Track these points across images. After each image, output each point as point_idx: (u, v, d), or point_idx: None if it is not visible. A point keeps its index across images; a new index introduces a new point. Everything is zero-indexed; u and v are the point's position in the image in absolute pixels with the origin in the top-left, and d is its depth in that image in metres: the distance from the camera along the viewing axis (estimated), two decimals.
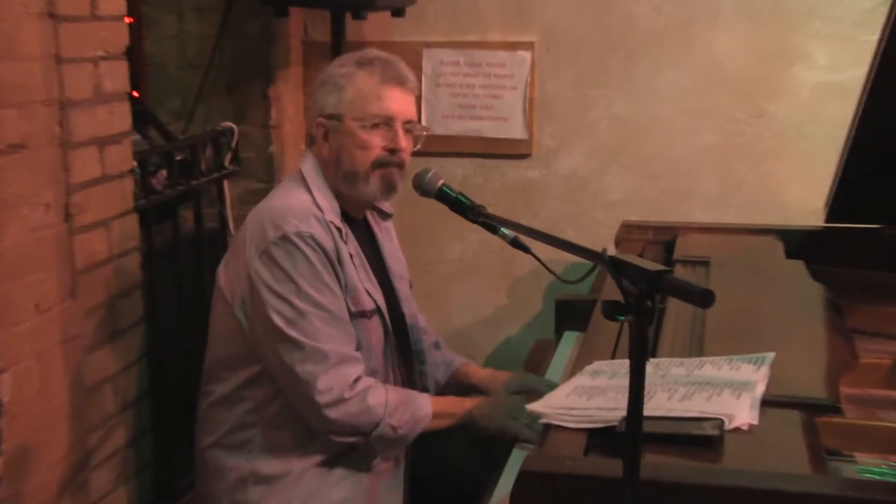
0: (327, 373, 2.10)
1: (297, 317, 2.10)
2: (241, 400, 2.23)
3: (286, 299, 2.10)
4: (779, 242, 2.85)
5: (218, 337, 2.28)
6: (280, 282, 2.11)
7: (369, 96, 2.21)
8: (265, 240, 2.13)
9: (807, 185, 3.36)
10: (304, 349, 2.10)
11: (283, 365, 2.12)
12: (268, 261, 2.12)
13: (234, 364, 2.23)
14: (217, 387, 2.27)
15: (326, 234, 2.15)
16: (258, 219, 2.19)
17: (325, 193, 2.23)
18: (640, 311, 1.35)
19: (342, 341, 2.14)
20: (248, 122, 3.49)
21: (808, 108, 3.37)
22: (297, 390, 2.12)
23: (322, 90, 2.26)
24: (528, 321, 3.70)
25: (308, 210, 2.17)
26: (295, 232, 2.11)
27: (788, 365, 1.90)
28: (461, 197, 2.12)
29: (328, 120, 2.23)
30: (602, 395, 1.83)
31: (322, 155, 2.25)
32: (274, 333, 2.11)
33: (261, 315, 2.13)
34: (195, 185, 3.09)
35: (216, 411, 2.27)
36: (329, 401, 2.10)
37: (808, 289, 2.41)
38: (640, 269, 1.37)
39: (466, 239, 3.70)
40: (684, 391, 1.77)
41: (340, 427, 2.13)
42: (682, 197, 3.51)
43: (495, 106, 3.58)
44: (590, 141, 3.56)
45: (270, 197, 2.28)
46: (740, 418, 1.65)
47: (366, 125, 2.20)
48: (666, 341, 2.15)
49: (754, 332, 2.14)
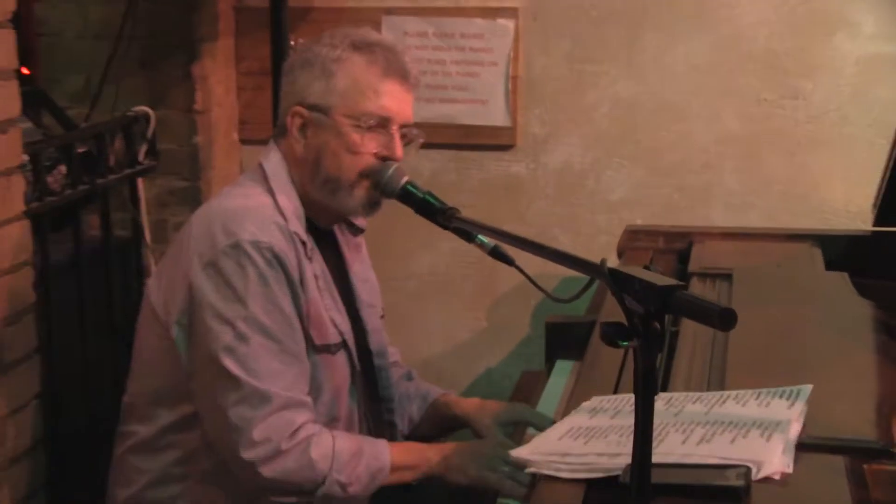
0: (266, 420, 2.07)
1: (238, 344, 2.08)
2: (169, 446, 2.22)
3: (229, 322, 2.08)
4: (817, 250, 2.87)
5: (145, 364, 2.26)
6: (225, 300, 2.09)
7: (366, 90, 2.19)
8: (213, 247, 2.11)
9: (850, 180, 3.39)
10: (242, 388, 2.08)
11: (213, 404, 2.10)
12: (214, 273, 2.10)
13: (165, 399, 2.21)
14: (140, 427, 2.25)
15: (289, 248, 2.13)
16: (205, 221, 2.16)
17: (290, 197, 2.21)
18: (647, 335, 1.35)
19: (290, 381, 2.12)
20: (168, 107, 3.48)
21: (852, 87, 3.40)
22: (224, 437, 2.10)
23: (304, 72, 2.23)
24: (513, 349, 3.70)
25: (268, 216, 2.15)
26: (251, 240, 2.09)
27: (829, 400, 1.90)
28: (429, 197, 2.11)
29: (310, 111, 2.20)
30: (602, 437, 1.83)
31: (294, 151, 2.23)
32: (210, 364, 2.09)
33: (199, 339, 2.11)
34: (101, 185, 3.07)
35: (137, 458, 2.25)
36: (263, 455, 2.07)
37: (853, 307, 2.42)
38: (648, 285, 1.37)
39: (437, 249, 3.70)
40: (702, 432, 1.77)
41: (275, 485, 2.11)
42: (699, 196, 3.53)
43: (471, 86, 3.59)
44: (586, 128, 3.58)
45: (223, 196, 2.26)
46: (771, 465, 1.65)
47: (358, 125, 2.18)
48: (679, 372, 2.15)
49: (787, 361, 2.15)
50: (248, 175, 2.30)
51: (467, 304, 3.72)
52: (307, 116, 2.21)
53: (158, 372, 2.22)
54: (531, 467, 1.81)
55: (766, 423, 1.77)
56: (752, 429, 1.76)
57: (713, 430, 1.78)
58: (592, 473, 1.71)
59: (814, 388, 1.89)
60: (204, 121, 3.52)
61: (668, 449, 1.72)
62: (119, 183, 3.23)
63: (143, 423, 2.24)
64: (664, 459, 1.67)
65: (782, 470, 1.65)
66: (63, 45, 3.49)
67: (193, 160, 3.51)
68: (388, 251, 3.67)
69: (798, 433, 1.76)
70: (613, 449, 1.76)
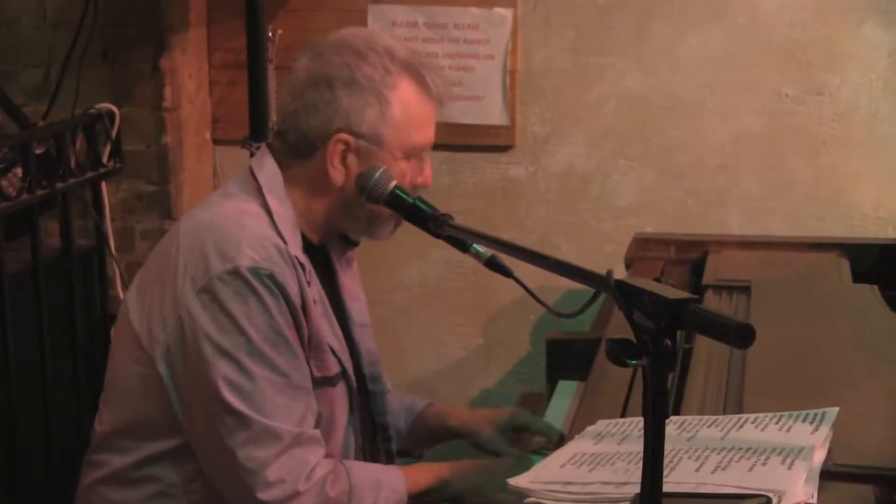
0: (278, 459, 2.08)
1: (245, 381, 2.08)
2: (147, 480, 2.20)
3: (233, 357, 2.08)
4: (843, 261, 2.88)
5: (123, 393, 2.24)
6: (226, 332, 2.08)
7: (419, 122, 2.20)
8: (207, 271, 2.10)
9: (881, 183, 3.40)
10: (251, 427, 2.07)
11: (220, 444, 2.10)
12: (210, 301, 2.09)
13: (145, 433, 2.20)
14: (114, 458, 2.24)
15: (290, 273, 2.12)
16: (195, 238, 2.14)
17: (287, 214, 2.20)
18: (657, 353, 1.35)
19: (300, 417, 2.12)
20: (134, 104, 3.48)
21: (883, 81, 3.41)
22: (235, 480, 2.10)
23: (353, 95, 2.18)
24: (511, 368, 3.70)
25: (267, 237, 2.13)
26: (250, 267, 2.08)
27: (857, 424, 1.91)
28: (420, 203, 2.11)
29: (359, 141, 2.20)
30: (609, 465, 1.84)
31: (327, 180, 2.19)
32: (212, 401, 2.09)
33: (196, 373, 2.11)
34: (61, 189, 3.07)
35: (108, 490, 2.24)
36: (279, 497, 2.08)
37: (884, 322, 2.43)
38: (658, 298, 1.38)
39: (428, 258, 3.70)
40: (718, 459, 1.77)
41: None
42: (715, 201, 3.54)
43: (466, 81, 3.60)
44: (591, 127, 3.59)
45: (211, 206, 2.23)
46: (793, 496, 1.65)
47: (407, 157, 2.20)
48: (693, 393, 2.16)
49: (811, 381, 2.16)
50: (237, 183, 2.26)
51: (461, 319, 3.73)
52: (353, 145, 2.18)
53: (137, 402, 2.20)
54: (531, 497, 1.81)
55: (788, 450, 1.77)
56: (773, 455, 1.76)
57: (729, 456, 1.78)
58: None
59: (840, 411, 1.89)
60: (173, 119, 3.52)
61: (680, 477, 1.72)
62: (80, 187, 3.23)
63: (117, 453, 2.23)
64: (676, 489, 1.67)
65: (805, 500, 1.65)
66: (18, 35, 3.50)
67: (162, 162, 3.51)
68: (376, 261, 3.67)
69: (822, 460, 1.76)
70: (621, 477, 1.76)
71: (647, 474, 1.35)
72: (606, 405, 2.19)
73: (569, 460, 1.90)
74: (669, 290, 1.40)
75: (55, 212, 3.12)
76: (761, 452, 1.78)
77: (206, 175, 3.73)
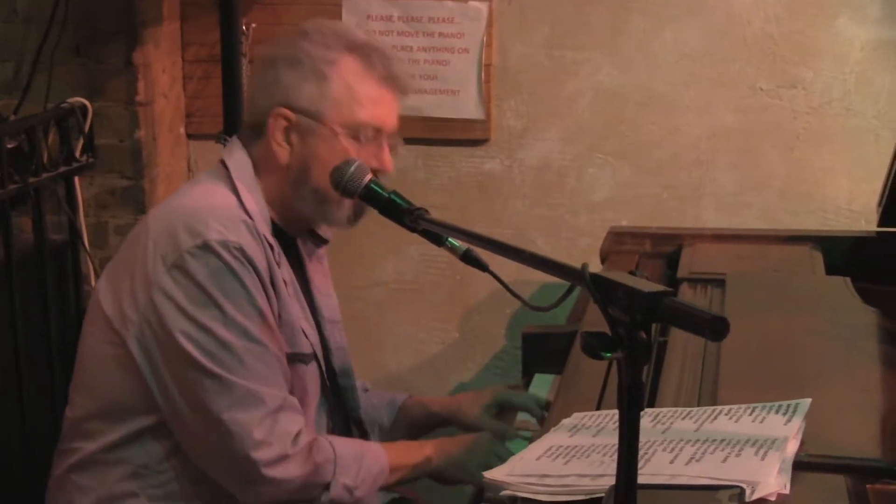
0: (263, 422, 2.12)
1: (222, 351, 2.11)
2: (119, 462, 2.22)
3: (207, 328, 2.11)
4: (817, 253, 2.90)
5: (94, 377, 2.26)
6: (199, 304, 2.11)
7: (362, 98, 2.24)
8: (177, 248, 2.13)
9: (854, 176, 3.43)
10: (234, 392, 2.11)
11: (206, 413, 2.12)
12: (182, 276, 2.12)
13: (118, 414, 2.22)
14: (85, 444, 2.25)
15: (259, 249, 2.16)
16: (165, 220, 2.18)
17: (256, 199, 2.23)
18: (632, 346, 1.36)
19: (277, 382, 2.16)
20: (107, 98, 3.47)
21: (856, 75, 3.43)
22: (223, 445, 2.13)
23: (292, 71, 2.24)
24: (487, 361, 3.71)
25: (235, 214, 2.18)
26: (219, 240, 2.12)
27: (830, 415, 1.92)
28: (395, 197, 2.13)
29: (298, 115, 2.23)
30: (584, 457, 1.85)
31: (275, 156, 2.24)
32: (192, 372, 2.12)
33: (169, 348, 2.13)
34: (34, 184, 3.07)
35: (80, 476, 2.25)
36: (269, 457, 2.12)
37: (857, 314, 2.45)
38: (633, 291, 1.39)
39: (403, 253, 3.71)
40: (692, 451, 1.79)
41: (281, 492, 2.15)
42: (690, 195, 3.56)
43: (441, 75, 3.60)
44: (567, 121, 3.60)
45: (181, 194, 2.29)
46: (766, 486, 1.67)
47: (354, 136, 2.23)
48: (668, 386, 2.17)
49: (784, 373, 2.17)
50: (208, 173, 2.32)
51: (437, 313, 3.74)
52: (294, 121, 2.23)
53: (110, 384, 2.22)
54: (507, 490, 1.83)
55: (762, 441, 1.79)
56: (746, 447, 1.78)
57: (704, 448, 1.79)
58: (573, 496, 1.73)
59: (813, 403, 1.90)
60: (147, 113, 3.52)
61: (655, 469, 1.74)
62: (53, 182, 3.22)
63: (88, 439, 2.25)
64: (651, 481, 1.69)
65: (778, 491, 1.67)
66: None
67: (135, 157, 3.51)
68: (351, 256, 3.68)
69: (796, 451, 1.77)
70: (596, 469, 1.78)
71: (622, 466, 1.36)
72: (582, 398, 2.20)
73: (544, 453, 1.91)
74: (644, 283, 1.41)
75: (28, 207, 3.12)
76: (735, 444, 1.79)
77: (180, 170, 3.72)
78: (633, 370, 1.36)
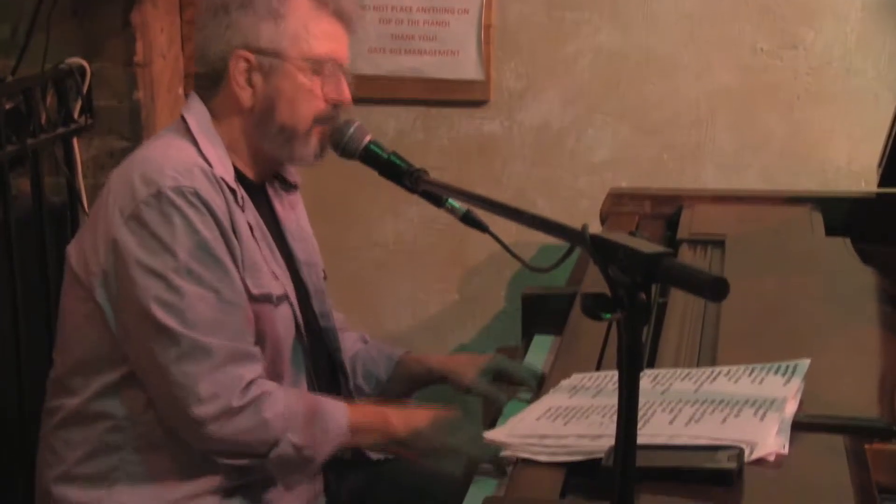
0: (211, 375, 2.12)
1: (173, 298, 2.12)
2: (100, 416, 2.24)
3: (161, 275, 2.12)
4: (816, 214, 2.90)
5: (70, 334, 2.29)
6: (153, 253, 2.13)
7: (317, 32, 2.26)
8: (133, 199, 2.15)
9: (854, 137, 3.42)
10: (181, 343, 2.12)
11: (154, 363, 2.14)
12: (137, 226, 2.14)
13: (93, 367, 2.24)
14: (67, 401, 2.27)
15: (216, 193, 2.17)
16: (123, 174, 2.21)
17: (215, 145, 2.25)
18: (632, 306, 1.36)
19: (233, 332, 2.17)
20: (105, 59, 3.46)
21: (856, 35, 3.42)
22: (169, 398, 2.15)
23: (245, 13, 2.26)
24: (487, 323, 3.72)
25: (192, 161, 2.20)
26: (173, 187, 2.13)
27: (828, 376, 1.93)
28: (395, 158, 2.13)
29: (260, 56, 2.24)
30: (583, 418, 1.86)
31: (238, 100, 2.26)
32: (144, 321, 2.14)
33: (128, 297, 2.15)
34: (32, 145, 3.06)
35: (66, 432, 2.28)
36: (213, 412, 2.12)
37: (855, 275, 2.46)
38: (633, 252, 1.39)
39: (403, 215, 3.71)
40: (691, 412, 1.80)
41: (226, 447, 2.16)
42: (689, 156, 3.55)
43: (440, 36, 3.59)
44: (567, 82, 3.59)
45: (141, 148, 2.31)
46: (765, 446, 1.68)
47: (314, 70, 2.24)
48: (668, 347, 2.18)
49: (783, 334, 2.18)
50: (168, 128, 2.34)
51: (437, 274, 3.74)
52: (255, 62, 2.24)
53: (83, 339, 2.25)
54: (507, 450, 1.84)
55: (760, 401, 1.80)
56: (745, 407, 1.78)
57: (703, 409, 1.80)
58: (573, 457, 1.74)
59: (812, 363, 1.91)
60: (145, 74, 3.50)
61: (654, 430, 1.75)
62: (51, 143, 3.21)
63: (69, 395, 2.27)
64: (650, 441, 1.69)
65: (777, 451, 1.68)
66: None
67: (134, 118, 3.50)
68: (350, 218, 3.68)
69: (794, 411, 1.78)
70: (595, 430, 1.78)
71: (621, 427, 1.37)
72: (581, 359, 2.21)
73: (544, 414, 1.92)
74: (644, 244, 1.41)
75: (26, 169, 3.11)
76: (734, 404, 1.80)
77: None
78: (633, 331, 1.36)
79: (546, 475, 1.73)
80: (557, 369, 2.21)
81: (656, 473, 1.63)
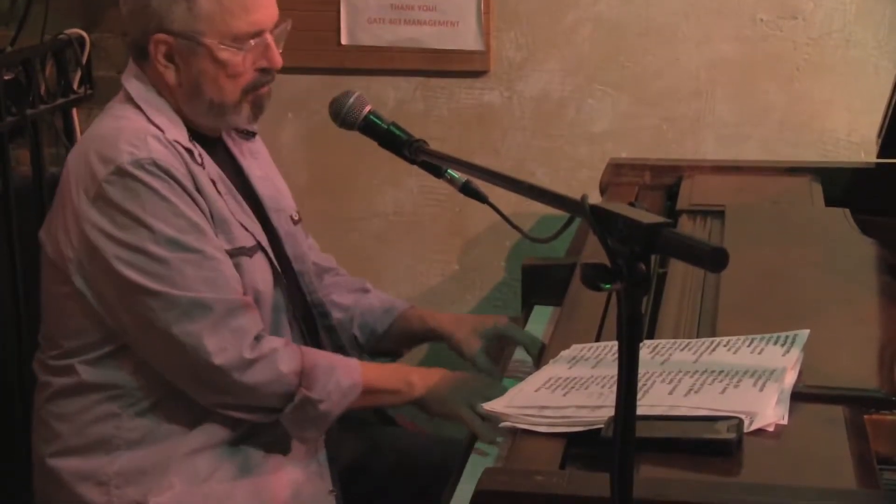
0: (215, 329, 2.14)
1: (159, 268, 2.14)
2: (94, 388, 2.27)
3: (139, 248, 2.14)
4: (816, 185, 2.90)
5: (51, 315, 2.31)
6: (126, 228, 2.15)
7: (233, 8, 2.23)
8: (95, 179, 2.17)
9: (854, 108, 3.41)
10: (178, 304, 2.14)
11: (155, 332, 2.15)
12: (105, 206, 2.16)
13: (79, 343, 2.27)
14: (56, 379, 2.30)
15: (173, 156, 2.20)
16: (81, 153, 2.25)
17: (161, 109, 2.27)
18: (631, 277, 1.36)
19: (224, 282, 2.19)
20: (104, 29, 3.45)
21: (856, 5, 3.40)
22: (181, 361, 2.16)
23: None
24: (486, 294, 3.72)
25: (143, 130, 2.22)
26: (131, 161, 2.16)
27: (828, 346, 1.93)
28: (394, 129, 2.12)
29: (176, 39, 2.23)
30: (583, 388, 1.86)
31: (164, 80, 2.28)
32: (133, 294, 2.15)
33: (108, 276, 2.16)
34: (31, 116, 3.06)
35: (58, 405, 2.30)
36: (231, 362, 2.13)
37: (855, 246, 2.45)
38: (632, 223, 1.38)
39: (402, 185, 3.70)
40: (691, 382, 1.80)
41: (244, 400, 2.19)
42: (689, 127, 3.54)
43: (440, 6, 3.57)
44: (567, 52, 3.57)
45: (94, 125, 2.33)
46: (765, 417, 1.68)
47: (235, 47, 2.23)
48: (667, 317, 2.18)
49: (783, 304, 2.17)
50: (114, 99, 2.35)
51: (436, 245, 3.74)
52: (173, 44, 2.24)
53: (66, 321, 2.28)
54: (506, 421, 1.84)
55: (760, 372, 1.80)
56: (745, 378, 1.78)
57: (702, 379, 1.80)
58: (572, 427, 1.74)
59: (811, 334, 1.91)
60: None
61: (653, 400, 1.75)
62: (51, 114, 3.21)
63: (59, 374, 2.30)
64: (649, 412, 1.70)
65: (777, 421, 1.69)
66: None
67: None
68: (350, 188, 3.68)
69: (794, 382, 1.79)
70: (595, 401, 1.78)
71: (620, 397, 1.36)
72: (581, 330, 2.20)
73: (543, 384, 1.92)
74: (644, 214, 1.40)
75: (25, 139, 3.11)
76: (733, 375, 1.80)
77: None
78: (633, 302, 1.36)
79: (545, 446, 1.73)
80: (557, 340, 2.21)
81: (656, 444, 1.64)
